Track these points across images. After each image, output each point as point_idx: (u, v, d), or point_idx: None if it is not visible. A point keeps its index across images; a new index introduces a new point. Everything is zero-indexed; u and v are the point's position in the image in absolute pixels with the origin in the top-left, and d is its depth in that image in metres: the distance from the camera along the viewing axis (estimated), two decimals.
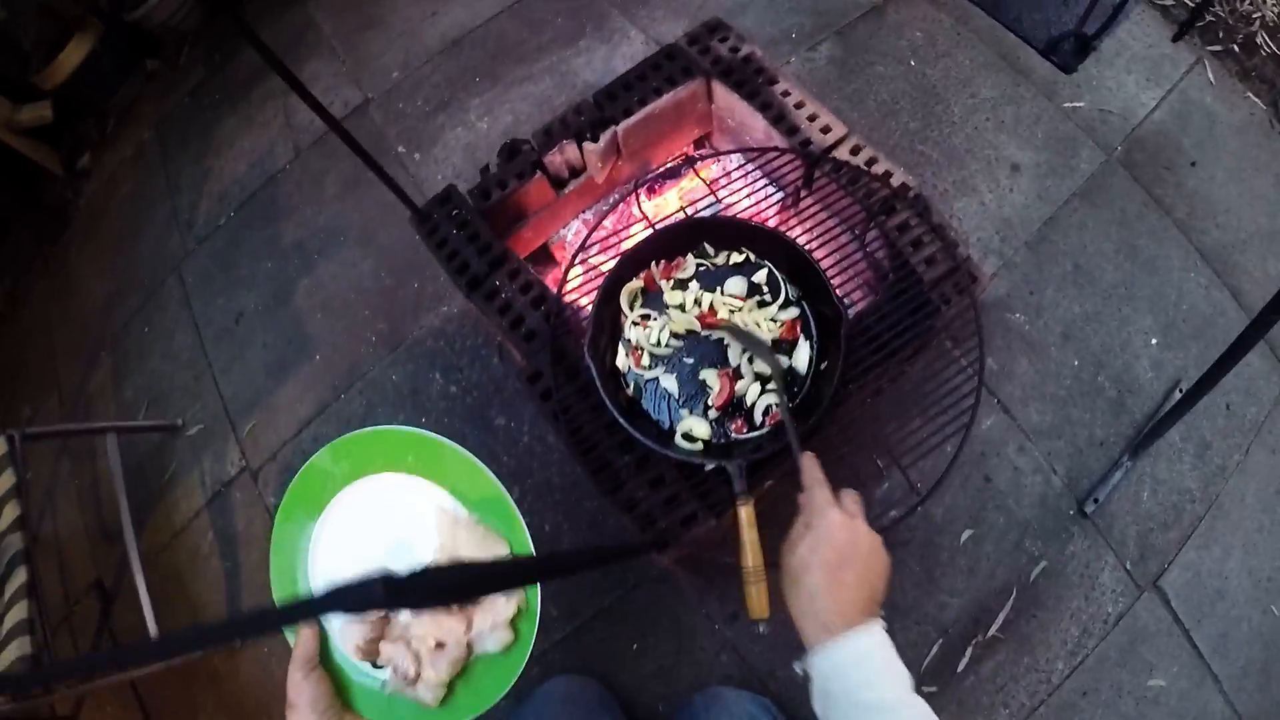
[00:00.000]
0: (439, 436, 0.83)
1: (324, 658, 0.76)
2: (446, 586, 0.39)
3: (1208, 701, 1.36)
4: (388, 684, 0.76)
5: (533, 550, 0.80)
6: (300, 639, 0.75)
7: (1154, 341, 1.58)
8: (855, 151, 1.26)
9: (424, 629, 0.75)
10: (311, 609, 0.40)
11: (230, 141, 2.19)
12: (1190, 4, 1.93)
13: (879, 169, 1.23)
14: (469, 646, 0.76)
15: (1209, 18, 1.94)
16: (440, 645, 0.74)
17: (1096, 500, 1.44)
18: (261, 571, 1.63)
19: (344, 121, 1.15)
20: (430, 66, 2.13)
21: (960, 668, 1.36)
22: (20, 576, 1.29)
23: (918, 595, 1.40)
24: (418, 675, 0.74)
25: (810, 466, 0.76)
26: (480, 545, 0.79)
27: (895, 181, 1.22)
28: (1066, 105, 1.81)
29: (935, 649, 1.37)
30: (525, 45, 2.09)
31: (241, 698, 1.58)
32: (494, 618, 0.77)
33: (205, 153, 2.20)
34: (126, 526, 1.59)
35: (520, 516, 0.80)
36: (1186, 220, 1.70)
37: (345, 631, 0.76)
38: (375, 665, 0.77)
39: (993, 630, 1.38)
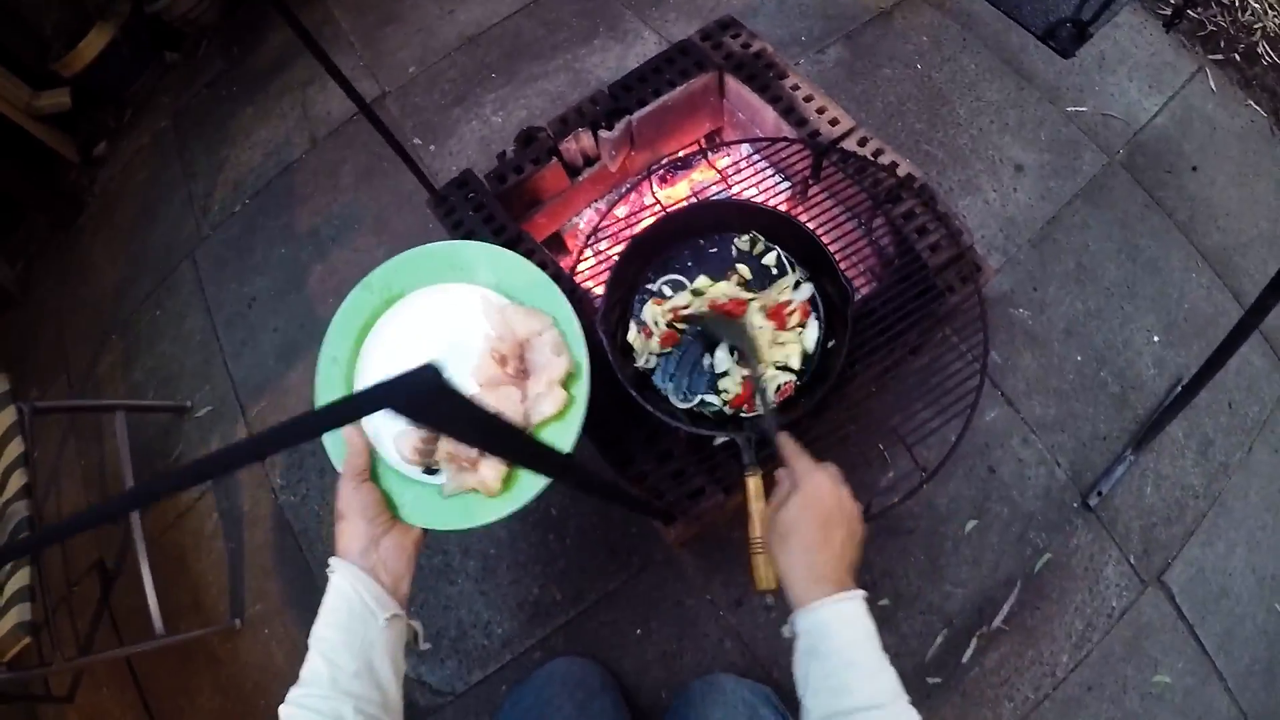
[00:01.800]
0: (471, 242, 0.87)
1: (372, 476, 0.76)
2: (480, 423, 0.40)
3: (1213, 700, 1.36)
4: (447, 485, 0.76)
5: (575, 320, 0.82)
6: (350, 452, 0.75)
7: (1156, 339, 1.60)
8: (863, 143, 1.29)
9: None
10: (364, 404, 0.39)
11: (247, 132, 2.22)
12: (1192, 14, 1.98)
13: (885, 159, 1.26)
14: (526, 418, 0.78)
15: (1211, 27, 1.98)
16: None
17: (1100, 493, 1.45)
18: (265, 551, 1.66)
19: (359, 115, 1.18)
20: (447, 62, 2.17)
21: (965, 659, 1.36)
22: None
23: (922, 584, 1.40)
24: (479, 457, 0.75)
25: (788, 441, 0.78)
26: (529, 321, 0.81)
27: (901, 172, 1.24)
28: (1069, 109, 1.85)
29: (940, 639, 1.37)
30: (540, 44, 2.13)
31: (240, 680, 1.57)
32: (548, 377, 0.78)
33: (221, 142, 2.23)
34: None
35: (562, 294, 0.83)
36: (1188, 223, 1.72)
37: (400, 439, 0.77)
38: (430, 471, 0.77)
39: (997, 622, 1.38)
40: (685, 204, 1.17)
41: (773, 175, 1.35)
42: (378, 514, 0.72)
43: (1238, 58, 1.95)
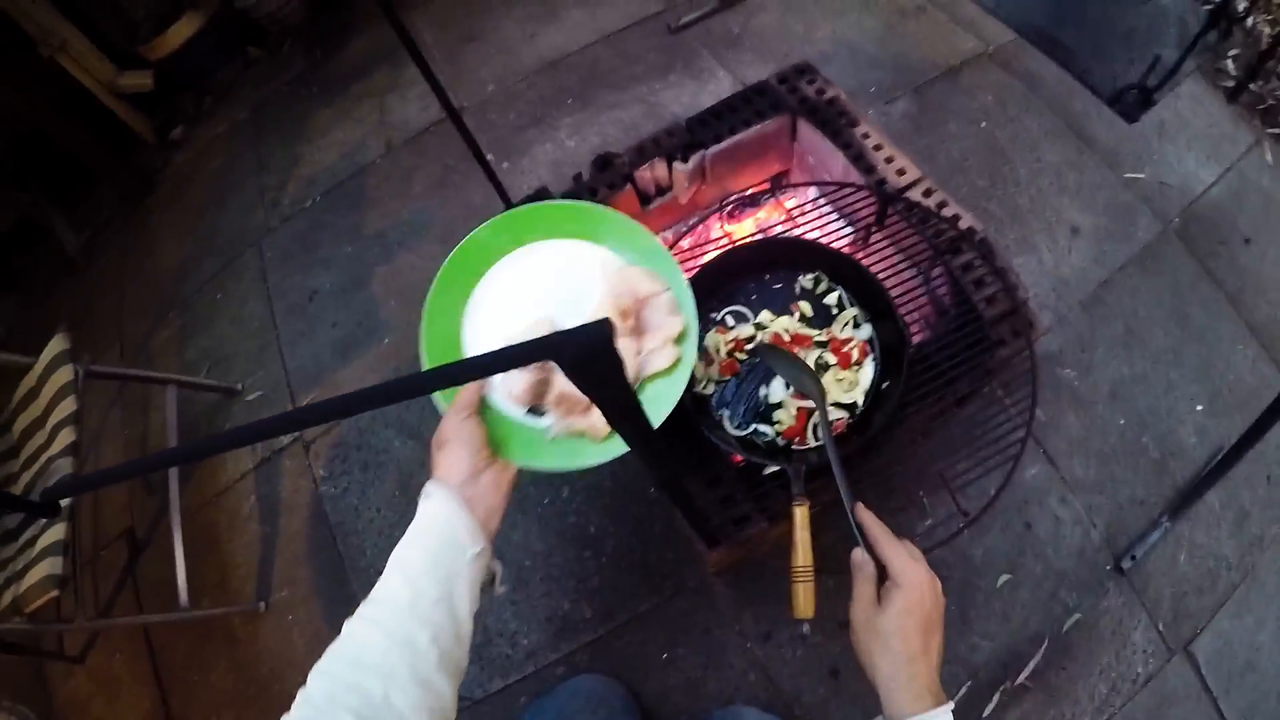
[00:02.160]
0: (593, 204, 0.90)
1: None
2: (622, 391, 0.40)
3: None
4: (552, 427, 0.78)
5: (687, 286, 0.85)
6: (462, 390, 0.75)
7: (1199, 408, 1.60)
8: (928, 194, 1.32)
9: None
10: (534, 351, 0.38)
11: (324, 131, 2.31)
12: (1252, 88, 1.99)
13: (949, 212, 1.29)
14: (639, 371, 0.81)
15: (1270, 101, 2.00)
16: None
17: (1134, 558, 1.45)
18: (299, 539, 1.69)
19: (436, 125, 1.22)
20: (525, 84, 2.25)
21: (986, 713, 1.35)
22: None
23: (951, 634, 1.40)
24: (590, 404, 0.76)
25: (871, 520, 0.73)
26: (649, 282, 0.84)
27: (963, 225, 1.27)
28: (1127, 175, 1.87)
29: (963, 691, 1.37)
30: (617, 74, 2.20)
31: (256, 663, 1.59)
32: (663, 334, 0.81)
33: (298, 138, 2.32)
34: (171, 478, 1.63)
35: (675, 262, 0.86)
36: (1238, 295, 1.73)
37: (511, 378, 0.79)
38: (536, 413, 0.79)
39: (1022, 678, 1.37)
40: (754, 239, 1.21)
41: (837, 219, 1.38)
42: (481, 447, 0.71)
43: None
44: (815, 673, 1.39)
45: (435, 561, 0.64)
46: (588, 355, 0.36)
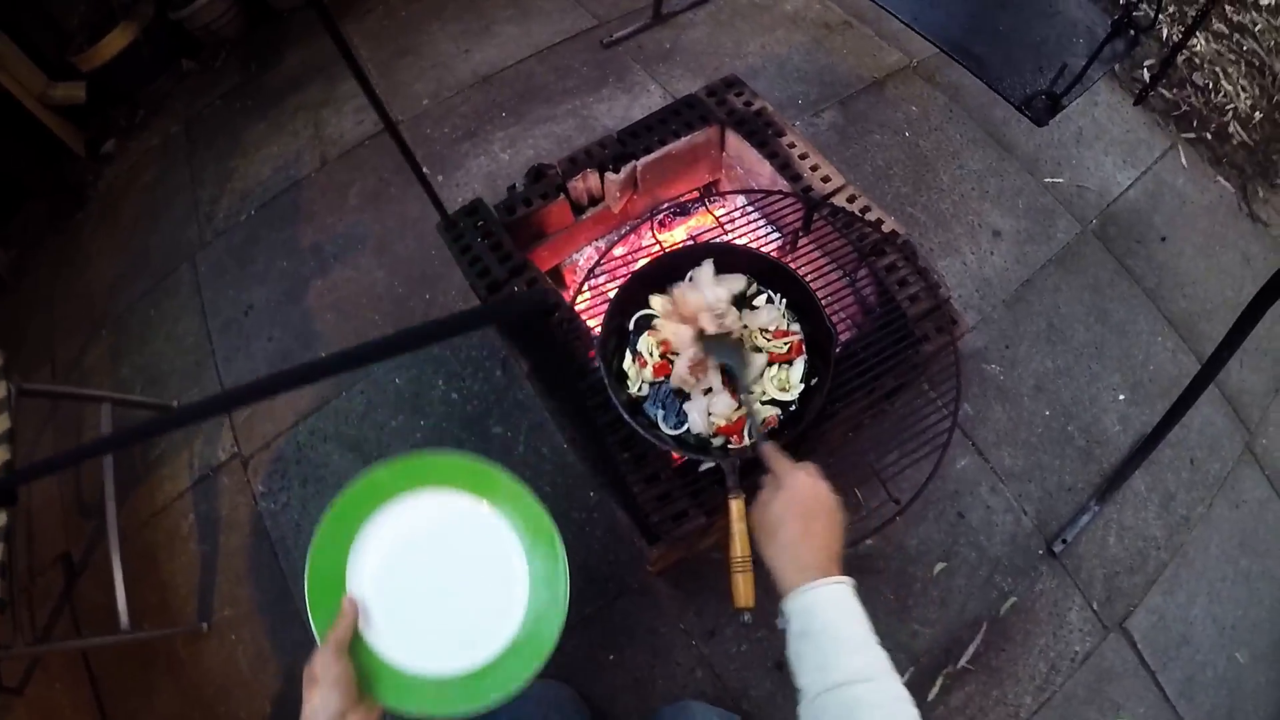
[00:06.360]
0: (491, 466, 0.84)
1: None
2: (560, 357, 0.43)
3: None
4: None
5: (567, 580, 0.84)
6: (341, 623, 0.76)
7: (1122, 398, 1.68)
8: (851, 200, 1.37)
9: None
10: (478, 316, 0.42)
11: (258, 145, 2.27)
12: (1168, 95, 2.12)
13: (871, 216, 1.34)
14: None
15: (1184, 107, 2.13)
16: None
17: (1065, 541, 1.51)
18: (240, 557, 1.66)
19: (372, 139, 1.22)
20: (459, 98, 2.25)
21: (930, 697, 1.40)
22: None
23: (890, 623, 1.44)
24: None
25: (770, 447, 0.84)
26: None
27: (886, 228, 1.32)
28: (1047, 180, 1.97)
29: (906, 677, 1.40)
30: (551, 88, 2.23)
31: (201, 684, 1.54)
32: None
33: (232, 152, 2.27)
34: (109, 500, 1.58)
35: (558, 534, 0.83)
36: (1155, 289, 1.83)
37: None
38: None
39: (963, 661, 1.42)
40: (685, 244, 1.24)
41: (765, 226, 1.43)
42: (350, 686, 0.73)
43: (1209, 136, 2.09)
44: (760, 666, 1.42)
45: None
46: (525, 319, 0.38)
